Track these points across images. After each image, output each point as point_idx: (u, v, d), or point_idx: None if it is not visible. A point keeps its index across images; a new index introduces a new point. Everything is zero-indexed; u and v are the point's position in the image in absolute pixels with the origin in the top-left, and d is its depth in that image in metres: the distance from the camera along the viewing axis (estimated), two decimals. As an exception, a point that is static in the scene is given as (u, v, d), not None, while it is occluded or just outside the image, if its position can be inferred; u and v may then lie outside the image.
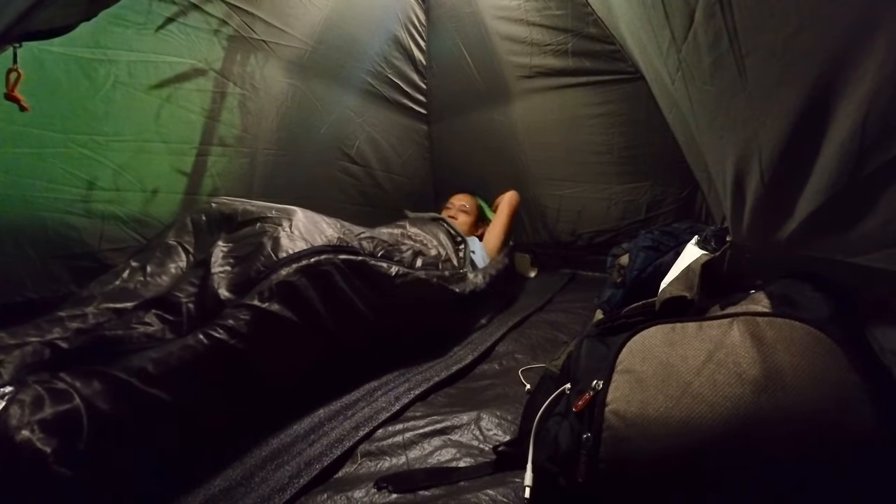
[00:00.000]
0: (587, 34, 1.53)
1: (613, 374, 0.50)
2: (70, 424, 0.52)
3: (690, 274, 0.67)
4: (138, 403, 0.58)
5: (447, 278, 1.09)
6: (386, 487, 0.60)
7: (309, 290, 0.78)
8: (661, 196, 1.62)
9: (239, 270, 0.76)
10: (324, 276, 0.81)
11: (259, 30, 1.24)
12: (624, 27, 1.17)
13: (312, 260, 0.80)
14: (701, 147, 0.80)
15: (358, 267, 0.88)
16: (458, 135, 1.97)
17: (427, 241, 1.23)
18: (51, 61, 0.89)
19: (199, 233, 0.89)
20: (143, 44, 1.02)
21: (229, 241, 0.83)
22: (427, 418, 0.76)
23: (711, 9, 0.50)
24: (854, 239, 0.41)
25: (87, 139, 0.98)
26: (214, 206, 0.92)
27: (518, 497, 0.57)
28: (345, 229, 0.95)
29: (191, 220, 0.90)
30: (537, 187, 1.84)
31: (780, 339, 0.46)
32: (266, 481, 0.61)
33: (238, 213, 0.90)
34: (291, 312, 0.75)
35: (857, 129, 0.35)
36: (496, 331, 1.15)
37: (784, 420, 0.42)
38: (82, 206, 1.00)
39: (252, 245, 0.80)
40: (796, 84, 0.41)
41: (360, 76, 1.63)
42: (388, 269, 0.93)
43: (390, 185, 1.82)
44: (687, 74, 0.67)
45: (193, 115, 1.16)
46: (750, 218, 0.59)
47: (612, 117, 1.61)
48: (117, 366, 0.58)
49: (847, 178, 0.38)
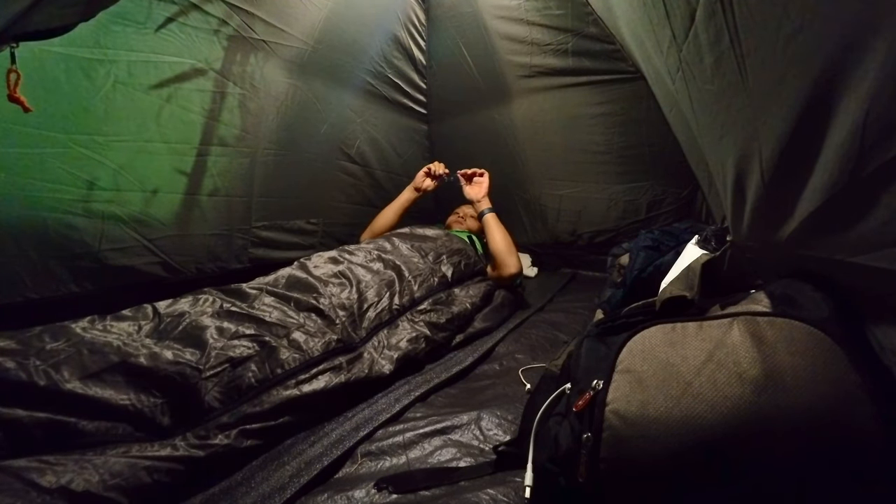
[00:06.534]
0: (587, 34, 1.53)
1: (614, 373, 0.50)
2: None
3: (691, 274, 0.67)
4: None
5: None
6: (386, 487, 0.60)
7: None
8: (661, 196, 1.62)
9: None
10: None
11: (259, 29, 1.24)
12: (624, 27, 1.16)
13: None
14: (701, 146, 0.80)
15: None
16: (458, 134, 1.97)
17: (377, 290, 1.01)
18: (51, 61, 0.89)
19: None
20: (143, 44, 1.02)
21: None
22: (427, 418, 0.76)
23: (712, 8, 0.50)
24: (854, 239, 0.41)
25: (87, 139, 0.98)
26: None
27: (518, 497, 0.57)
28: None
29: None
30: (537, 187, 1.84)
31: (781, 338, 0.46)
32: (266, 481, 0.61)
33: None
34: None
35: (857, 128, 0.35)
36: (496, 332, 1.15)
37: (784, 420, 0.42)
38: (82, 206, 1.00)
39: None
40: (797, 83, 0.41)
41: (360, 76, 1.63)
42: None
43: (390, 185, 1.82)
44: (687, 74, 0.67)
45: (193, 114, 1.16)
46: (750, 217, 0.59)
47: (611, 117, 1.61)
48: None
49: (847, 178, 0.38)
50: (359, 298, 0.96)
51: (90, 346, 0.65)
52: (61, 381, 0.59)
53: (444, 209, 1.88)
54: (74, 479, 0.52)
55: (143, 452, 0.58)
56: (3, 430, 0.55)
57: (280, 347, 0.77)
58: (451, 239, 1.34)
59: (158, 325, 0.75)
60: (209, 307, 0.81)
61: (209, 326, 0.75)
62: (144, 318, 0.76)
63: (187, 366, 0.67)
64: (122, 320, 0.75)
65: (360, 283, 1.00)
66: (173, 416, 0.64)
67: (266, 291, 0.90)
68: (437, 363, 0.97)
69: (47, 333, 0.66)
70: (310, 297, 0.91)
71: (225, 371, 0.70)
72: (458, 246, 1.32)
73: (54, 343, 0.64)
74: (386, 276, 1.06)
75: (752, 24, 0.44)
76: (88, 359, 0.63)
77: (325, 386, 0.76)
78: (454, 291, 1.18)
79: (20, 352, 0.61)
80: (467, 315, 1.14)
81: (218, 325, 0.76)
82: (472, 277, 1.29)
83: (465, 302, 1.15)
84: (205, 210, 1.24)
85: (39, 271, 0.96)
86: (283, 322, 0.82)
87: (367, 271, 1.05)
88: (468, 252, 1.33)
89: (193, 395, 0.66)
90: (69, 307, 0.82)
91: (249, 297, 0.87)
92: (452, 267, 1.21)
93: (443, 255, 1.24)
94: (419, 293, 1.07)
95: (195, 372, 0.67)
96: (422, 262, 1.17)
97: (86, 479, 0.53)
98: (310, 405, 0.74)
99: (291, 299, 0.89)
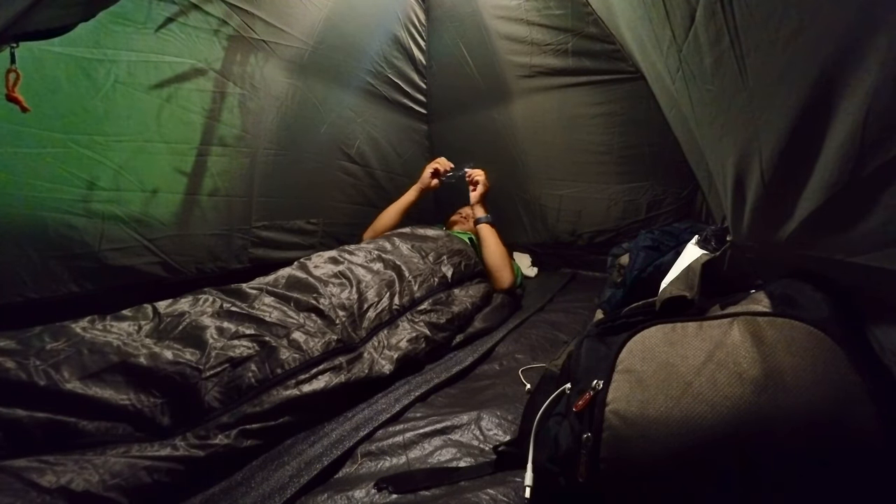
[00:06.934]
0: (587, 34, 1.53)
1: (614, 373, 0.50)
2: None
3: (691, 273, 0.67)
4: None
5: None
6: (386, 487, 0.60)
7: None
8: (661, 196, 1.62)
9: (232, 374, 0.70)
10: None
11: (259, 29, 1.24)
12: (624, 26, 1.16)
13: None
14: (701, 146, 0.80)
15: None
16: (458, 134, 1.97)
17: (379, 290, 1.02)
18: (51, 61, 0.89)
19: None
20: (143, 44, 1.02)
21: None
22: (427, 418, 0.76)
23: (712, 8, 0.50)
24: (854, 238, 0.41)
25: (87, 139, 0.98)
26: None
27: (518, 497, 0.57)
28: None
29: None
30: (537, 187, 1.84)
31: (781, 338, 0.46)
32: (266, 481, 0.61)
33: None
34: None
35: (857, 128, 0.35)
36: (496, 332, 1.15)
37: (784, 420, 0.42)
38: (82, 206, 1.00)
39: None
40: (797, 83, 0.41)
41: (360, 76, 1.63)
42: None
43: (390, 184, 1.82)
44: (687, 74, 0.67)
45: (193, 114, 1.16)
46: (750, 217, 0.59)
47: (612, 117, 1.61)
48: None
49: (847, 178, 0.38)
50: (359, 298, 0.96)
51: (90, 346, 0.65)
52: (61, 381, 0.59)
53: (444, 209, 1.89)
54: (74, 479, 0.52)
55: (143, 452, 0.58)
56: (3, 430, 0.55)
57: (280, 347, 0.77)
58: (451, 239, 1.34)
59: (158, 325, 0.75)
60: (209, 307, 0.81)
61: (209, 326, 0.75)
62: (144, 318, 0.76)
63: (187, 366, 0.67)
64: (122, 320, 0.75)
65: (360, 284, 1.00)
66: (173, 416, 0.64)
67: (266, 291, 0.90)
68: (437, 363, 0.97)
69: (47, 333, 0.66)
70: (310, 297, 0.91)
71: (225, 371, 0.70)
72: (458, 247, 1.32)
73: (54, 343, 0.64)
74: (386, 277, 1.06)
75: (752, 24, 0.44)
76: (88, 359, 0.63)
77: (325, 386, 0.76)
78: (454, 292, 1.18)
79: (20, 352, 0.61)
80: (467, 315, 1.14)
81: (218, 325, 0.76)
82: (472, 278, 1.29)
83: (466, 302, 1.15)
84: (205, 210, 1.24)
85: (39, 271, 0.96)
86: (283, 322, 0.82)
87: (367, 271, 1.05)
88: (468, 253, 1.33)
89: (193, 395, 0.66)
90: (69, 307, 0.82)
91: (249, 297, 0.87)
92: (453, 267, 1.21)
93: (443, 256, 1.24)
94: (419, 293, 1.07)
95: (195, 372, 0.67)
96: (422, 262, 1.17)
97: (86, 479, 0.53)
98: (310, 405, 0.74)
99: (291, 299, 0.89)
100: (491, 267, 1.36)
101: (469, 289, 1.23)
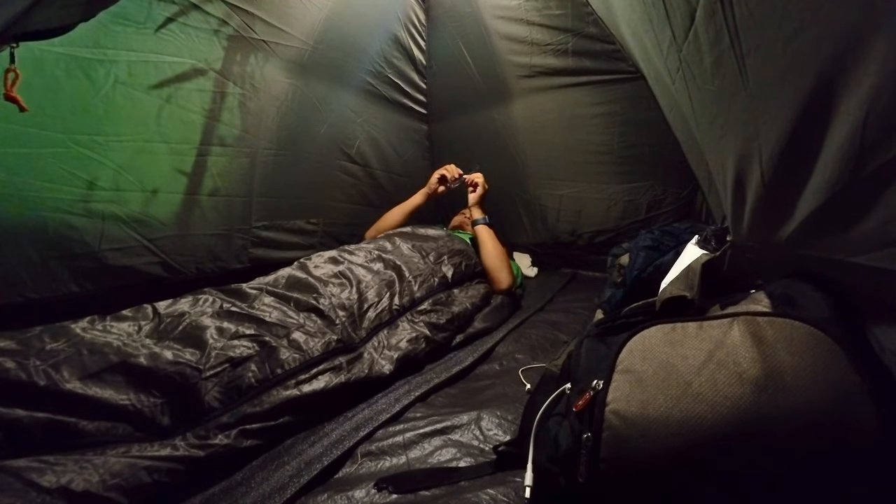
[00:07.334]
0: (587, 34, 1.53)
1: (613, 373, 0.50)
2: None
3: (691, 274, 0.67)
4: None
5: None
6: (386, 487, 0.60)
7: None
8: (661, 196, 1.62)
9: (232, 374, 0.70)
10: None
11: (259, 29, 1.24)
12: (624, 26, 1.16)
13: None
14: (701, 146, 0.80)
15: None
16: (458, 134, 1.97)
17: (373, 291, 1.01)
18: (51, 61, 0.89)
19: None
20: (143, 44, 1.02)
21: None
22: (427, 418, 0.76)
23: (712, 8, 0.50)
24: (854, 239, 0.41)
25: (87, 139, 0.98)
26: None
27: (518, 497, 0.57)
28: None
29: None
30: (537, 187, 1.84)
31: (781, 338, 0.46)
32: (266, 481, 0.61)
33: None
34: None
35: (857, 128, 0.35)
36: (496, 332, 1.15)
37: (784, 420, 0.42)
38: (82, 206, 1.00)
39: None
40: (797, 83, 0.41)
41: (360, 76, 1.63)
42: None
43: (390, 185, 1.82)
44: (687, 74, 0.67)
45: (193, 114, 1.16)
46: (750, 217, 0.59)
47: (611, 117, 1.61)
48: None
49: (847, 178, 0.38)
50: (359, 298, 0.96)
51: (90, 346, 0.65)
52: (61, 381, 0.59)
53: (444, 210, 1.89)
54: (74, 479, 0.52)
55: (143, 452, 0.58)
56: (3, 430, 0.55)
57: (280, 347, 0.77)
58: (452, 240, 1.34)
59: (158, 325, 0.75)
60: (209, 307, 0.81)
61: (209, 326, 0.75)
62: (144, 319, 0.76)
63: (187, 366, 0.67)
64: (122, 320, 0.75)
65: (360, 284, 1.00)
66: (173, 416, 0.64)
67: (266, 291, 0.90)
68: (437, 363, 0.97)
69: (47, 333, 0.66)
70: (310, 297, 0.90)
71: (225, 371, 0.70)
72: (459, 247, 1.32)
73: (54, 343, 0.64)
74: (386, 277, 1.06)
75: (752, 24, 0.44)
76: (88, 359, 0.63)
77: (325, 386, 0.76)
78: (454, 292, 1.18)
79: (20, 352, 0.61)
80: (467, 315, 1.14)
81: (218, 325, 0.76)
82: (472, 278, 1.29)
83: (466, 302, 1.15)
84: (205, 210, 1.24)
85: (39, 271, 0.96)
86: (283, 322, 0.82)
87: (367, 271, 1.05)
88: (469, 253, 1.33)
89: (193, 395, 0.66)
90: (69, 307, 0.82)
91: (249, 298, 0.87)
92: (453, 268, 1.21)
93: (444, 256, 1.24)
94: (419, 293, 1.07)
95: (195, 372, 0.67)
96: (422, 262, 1.17)
97: (86, 479, 0.53)
98: (310, 405, 0.74)
99: (291, 299, 0.89)
100: (489, 268, 1.36)
101: (469, 289, 1.23)
